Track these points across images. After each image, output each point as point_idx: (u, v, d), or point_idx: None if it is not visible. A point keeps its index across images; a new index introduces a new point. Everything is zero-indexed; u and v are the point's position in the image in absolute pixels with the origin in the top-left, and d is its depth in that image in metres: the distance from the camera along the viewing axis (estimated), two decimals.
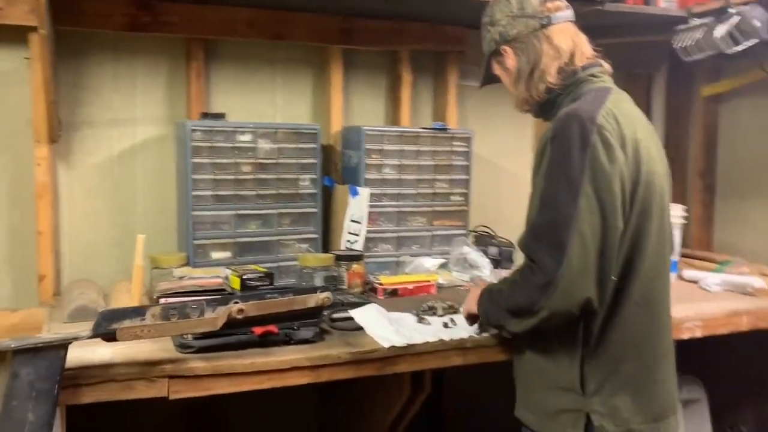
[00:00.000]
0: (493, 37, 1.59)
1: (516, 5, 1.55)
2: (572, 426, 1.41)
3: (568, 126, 1.38)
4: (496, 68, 1.63)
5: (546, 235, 1.35)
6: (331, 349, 1.59)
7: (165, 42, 2.29)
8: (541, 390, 1.48)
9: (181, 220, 2.22)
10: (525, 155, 2.90)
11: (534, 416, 1.50)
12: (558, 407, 1.43)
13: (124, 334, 1.27)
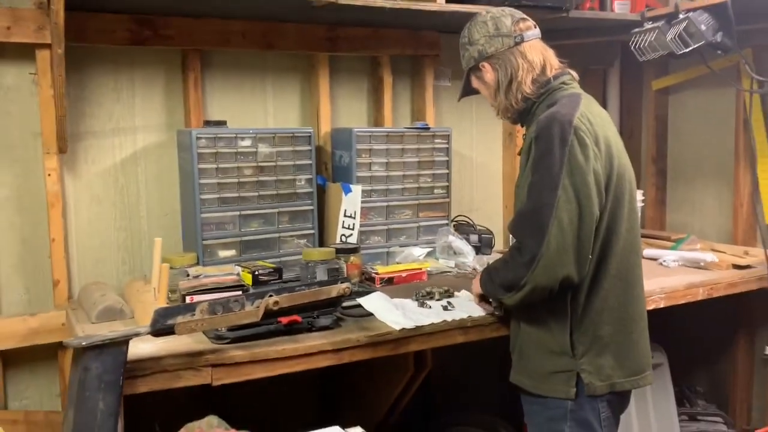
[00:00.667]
0: (471, 55, 1.80)
1: (492, 26, 1.76)
2: (566, 384, 1.63)
3: (549, 127, 1.60)
4: (475, 82, 1.84)
5: (530, 220, 1.58)
6: (350, 334, 1.78)
7: (162, 53, 2.41)
8: (536, 357, 1.70)
9: (188, 221, 2.36)
10: (495, 148, 3.13)
11: (531, 380, 1.71)
12: (553, 369, 1.66)
13: (182, 329, 1.43)
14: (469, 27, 1.82)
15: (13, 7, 2.11)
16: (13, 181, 2.24)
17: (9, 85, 2.20)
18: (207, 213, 2.29)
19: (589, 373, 1.64)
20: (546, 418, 1.70)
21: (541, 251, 1.53)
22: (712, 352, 2.96)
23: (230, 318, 1.50)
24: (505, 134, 3.11)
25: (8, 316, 2.21)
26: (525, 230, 1.60)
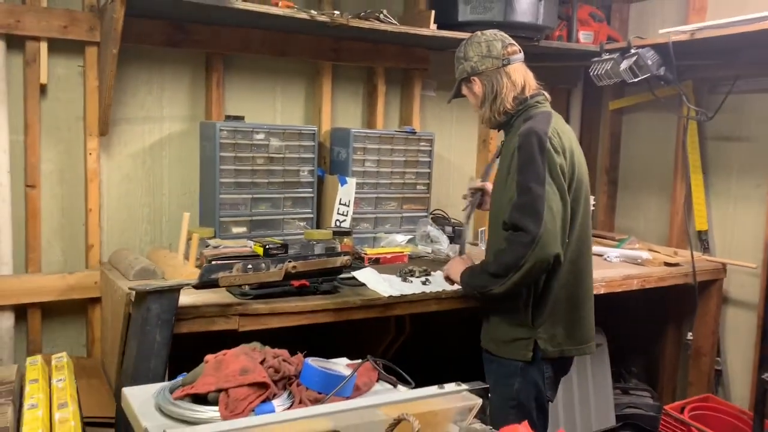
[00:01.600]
0: (465, 68, 2.09)
1: (485, 48, 2.05)
2: (525, 349, 1.97)
3: (529, 139, 1.91)
4: (465, 90, 2.14)
5: (527, 209, 1.85)
6: (347, 298, 2.19)
7: (189, 54, 2.78)
8: (502, 326, 2.01)
9: (207, 201, 2.73)
10: (470, 152, 3.56)
11: (496, 345, 2.04)
12: (515, 337, 1.99)
13: (224, 281, 1.82)
14: (465, 44, 2.10)
15: (69, 9, 2.46)
16: (58, 158, 2.59)
17: (60, 75, 2.55)
18: (224, 194, 2.67)
19: (544, 340, 1.97)
20: (502, 374, 2.02)
21: (540, 232, 1.81)
22: (645, 337, 3.44)
23: (260, 276, 1.89)
24: (479, 140, 3.54)
25: (47, 273, 2.56)
26: (524, 217, 1.85)
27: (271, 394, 1.29)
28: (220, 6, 2.24)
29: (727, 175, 3.16)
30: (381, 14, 2.57)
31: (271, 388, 1.30)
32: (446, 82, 3.34)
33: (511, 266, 1.86)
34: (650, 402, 3.11)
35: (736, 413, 2.96)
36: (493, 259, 1.94)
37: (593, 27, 3.28)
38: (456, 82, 2.15)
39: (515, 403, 1.98)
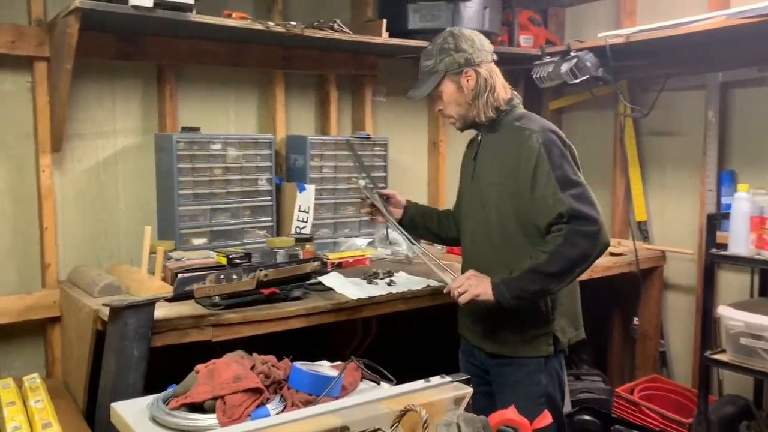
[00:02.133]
0: (456, 60, 1.93)
1: (477, 41, 1.97)
2: (545, 344, 1.94)
3: (550, 136, 1.87)
4: (448, 85, 1.96)
5: (583, 199, 1.80)
6: (317, 303, 2.24)
7: (140, 67, 2.76)
8: (519, 326, 1.93)
9: (165, 214, 2.72)
10: (421, 155, 3.65)
11: (512, 347, 1.95)
12: (534, 334, 1.94)
13: (199, 292, 1.84)
14: (453, 36, 1.97)
15: (16, 24, 2.41)
16: (8, 176, 2.53)
17: (6, 92, 2.50)
18: (183, 206, 2.66)
19: (559, 331, 1.95)
20: (524, 374, 1.94)
21: (601, 219, 1.80)
22: (594, 325, 3.60)
23: (233, 285, 1.92)
24: (429, 143, 3.64)
25: (2, 294, 2.49)
26: (585, 206, 1.79)
27: (264, 398, 1.33)
28: (176, 19, 2.24)
29: (662, 168, 3.36)
30: (335, 24, 2.62)
31: (265, 392, 1.34)
32: (396, 87, 3.43)
33: (578, 260, 1.79)
34: (602, 386, 3.27)
35: (681, 391, 3.16)
36: (551, 258, 1.79)
37: (533, 31, 3.43)
38: (433, 75, 1.98)
39: (544, 399, 1.94)
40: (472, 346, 2.11)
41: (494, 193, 1.94)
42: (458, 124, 2.05)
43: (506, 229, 1.93)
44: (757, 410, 2.81)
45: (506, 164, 1.91)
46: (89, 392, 2.18)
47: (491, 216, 1.95)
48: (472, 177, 2.06)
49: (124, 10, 2.13)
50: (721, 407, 2.81)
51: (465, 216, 2.13)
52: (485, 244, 1.99)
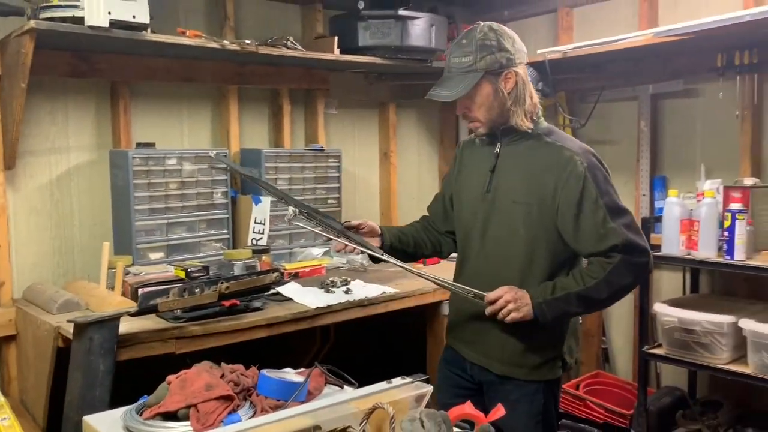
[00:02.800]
0: (498, 59, 1.74)
1: (517, 41, 1.81)
2: (554, 367, 1.86)
3: (592, 160, 1.79)
4: (485, 86, 1.76)
5: (635, 229, 1.76)
6: (277, 312, 2.31)
7: (93, 84, 2.78)
8: (533, 348, 1.83)
9: (121, 229, 2.73)
10: (373, 166, 3.76)
11: (526, 370, 1.84)
12: (546, 358, 1.85)
13: (163, 306, 1.88)
14: (494, 32, 1.77)
15: None
16: None
17: None
18: (140, 221, 2.69)
19: (567, 354, 1.89)
20: (524, 393, 1.85)
21: (649, 248, 1.78)
22: None
23: (196, 298, 1.97)
24: (381, 154, 3.75)
25: None
26: (637, 236, 1.76)
27: (235, 405, 1.40)
28: (132, 39, 2.28)
29: None
30: (288, 41, 2.70)
31: (236, 399, 1.41)
32: (347, 100, 3.53)
33: (627, 288, 1.79)
34: None
35: (622, 384, 3.35)
36: (601, 284, 1.73)
37: None
38: (471, 74, 1.75)
39: (541, 418, 1.88)
40: (466, 360, 1.96)
41: (521, 211, 1.80)
42: (482, 129, 1.84)
43: (534, 250, 1.81)
44: (691, 400, 3.01)
45: (539, 183, 1.78)
46: (49, 409, 2.19)
47: (517, 236, 1.81)
48: (487, 190, 1.87)
49: (80, 30, 2.16)
50: (659, 398, 3.00)
51: (474, 232, 1.92)
52: (507, 264, 1.84)
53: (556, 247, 1.81)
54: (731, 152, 2.97)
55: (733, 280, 3.00)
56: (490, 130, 1.84)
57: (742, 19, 2.34)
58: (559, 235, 1.79)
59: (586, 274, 1.75)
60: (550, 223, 1.79)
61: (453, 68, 1.79)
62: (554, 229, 1.79)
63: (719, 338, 2.59)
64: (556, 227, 1.79)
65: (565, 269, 1.83)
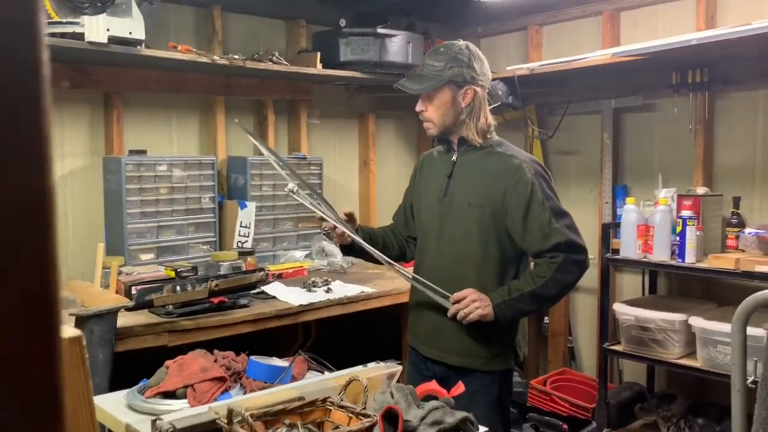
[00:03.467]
0: (463, 73, 1.95)
1: (485, 66, 2.03)
2: (508, 358, 2.04)
3: (537, 168, 1.98)
4: (446, 92, 1.97)
5: (574, 229, 1.95)
6: (262, 309, 2.48)
7: (88, 93, 2.93)
8: (488, 340, 2.00)
9: (114, 231, 2.89)
10: (353, 173, 3.95)
11: (483, 360, 2.00)
12: (501, 349, 2.02)
13: (158, 301, 2.05)
14: (469, 50, 1.99)
15: None
16: None
17: None
18: (131, 224, 2.85)
19: (518, 347, 2.08)
20: (483, 384, 1.99)
21: (586, 247, 1.97)
22: None
23: (188, 294, 2.14)
24: (360, 162, 3.94)
25: None
26: (578, 236, 1.95)
27: (227, 386, 1.57)
28: (127, 53, 2.45)
29: (567, 183, 3.78)
30: (273, 56, 2.88)
31: (228, 381, 1.58)
32: (329, 111, 3.72)
33: (571, 285, 1.98)
34: (519, 380, 3.63)
35: (587, 381, 3.55)
36: (550, 283, 1.91)
37: None
38: (437, 78, 1.96)
39: (497, 407, 2.04)
40: (426, 358, 2.10)
41: (475, 213, 1.98)
42: (434, 131, 2.05)
43: (486, 249, 1.98)
44: (649, 394, 3.23)
45: (492, 188, 1.97)
46: None
47: (472, 236, 1.99)
48: (444, 194, 2.06)
49: (80, 45, 2.32)
50: (619, 393, 3.21)
51: (431, 233, 2.09)
52: (461, 262, 2.01)
53: (506, 246, 2.00)
54: (686, 163, 3.20)
55: (688, 281, 3.22)
56: (441, 134, 2.05)
57: (689, 42, 2.57)
58: (508, 234, 1.98)
59: (536, 275, 1.94)
60: (501, 224, 1.97)
61: (425, 68, 2.00)
62: (504, 229, 1.98)
63: (671, 335, 2.81)
64: (506, 227, 1.97)
65: (514, 266, 2.03)
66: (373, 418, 1.14)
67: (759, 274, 2.49)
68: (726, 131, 3.11)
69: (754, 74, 2.93)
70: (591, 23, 3.55)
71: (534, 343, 3.88)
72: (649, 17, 3.33)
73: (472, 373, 2.01)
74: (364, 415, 1.17)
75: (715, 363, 2.64)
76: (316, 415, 1.24)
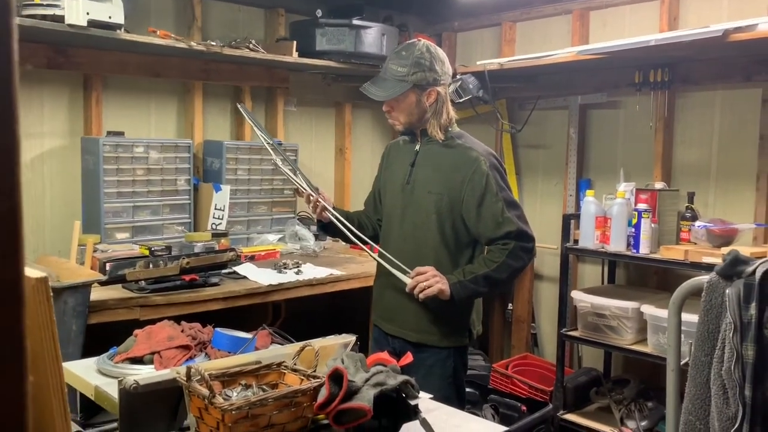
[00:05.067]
0: (426, 77, 2.06)
1: (446, 65, 2.13)
2: (462, 335, 2.17)
3: (493, 161, 2.10)
4: (410, 96, 2.08)
5: (524, 220, 2.09)
6: (233, 288, 2.58)
7: (68, 75, 3.00)
8: (444, 317, 2.11)
9: (90, 210, 2.96)
10: (329, 161, 4.04)
11: (438, 336, 2.12)
12: (456, 325, 2.15)
13: (131, 276, 2.14)
14: (429, 53, 2.08)
15: None
16: None
17: None
18: (108, 203, 2.92)
19: (472, 326, 2.19)
20: (439, 359, 2.12)
21: (534, 236, 2.10)
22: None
23: (160, 270, 2.23)
24: (336, 150, 4.04)
25: None
26: (527, 225, 2.08)
27: (193, 354, 1.67)
28: (107, 37, 2.52)
29: (534, 176, 3.91)
30: (251, 43, 2.97)
31: (193, 349, 1.68)
32: (306, 99, 3.81)
33: (519, 270, 2.10)
34: (483, 363, 3.76)
35: (547, 366, 3.70)
36: (501, 267, 2.04)
37: None
38: (402, 83, 2.06)
39: (452, 380, 2.16)
40: (388, 335, 2.22)
41: (433, 200, 2.11)
42: (400, 128, 2.18)
43: (443, 234, 2.11)
44: (605, 378, 3.38)
45: (450, 178, 2.09)
46: None
47: (430, 221, 2.11)
48: (407, 182, 2.18)
49: (59, 27, 2.39)
50: (576, 377, 3.36)
51: (394, 217, 2.22)
52: (420, 245, 2.14)
53: (461, 232, 2.13)
54: (647, 159, 3.34)
55: (645, 272, 3.37)
56: (408, 129, 2.18)
57: (648, 43, 2.70)
58: (463, 221, 2.12)
59: (489, 260, 2.07)
60: (457, 212, 2.10)
61: (389, 72, 2.11)
62: (460, 216, 2.11)
63: (625, 322, 2.95)
64: (462, 215, 2.10)
65: (469, 250, 2.16)
66: (321, 379, 1.25)
67: (706, 265, 2.64)
68: (685, 129, 3.25)
69: (712, 75, 3.07)
70: (562, 21, 3.67)
71: (498, 328, 4.02)
72: (617, 17, 3.46)
73: (429, 348, 2.13)
74: (314, 377, 1.28)
75: (663, 349, 2.78)
76: (271, 377, 1.35)
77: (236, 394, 1.25)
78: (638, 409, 3.07)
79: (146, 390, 1.24)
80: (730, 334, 1.54)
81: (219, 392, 1.22)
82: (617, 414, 3.09)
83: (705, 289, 1.64)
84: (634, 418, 3.01)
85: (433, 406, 1.52)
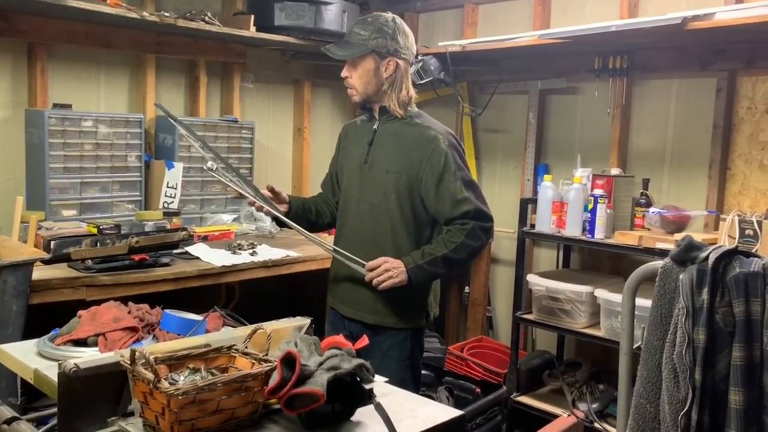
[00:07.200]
0: (387, 46, 2.05)
1: (410, 40, 2.13)
2: (419, 317, 2.16)
3: (451, 140, 2.09)
4: (369, 62, 2.06)
5: (482, 199, 2.09)
6: (184, 268, 2.51)
7: (10, 43, 2.84)
8: (400, 299, 2.09)
9: (34, 186, 2.83)
10: (287, 140, 3.96)
11: (395, 318, 2.11)
12: (413, 308, 2.14)
13: (76, 255, 2.05)
14: (395, 23, 2.09)
15: None
16: None
17: None
18: (54, 179, 2.80)
19: (429, 308, 2.19)
20: (396, 342, 2.12)
21: (492, 216, 2.11)
22: None
23: (107, 249, 2.14)
24: (294, 129, 3.96)
25: None
26: (484, 205, 2.08)
27: (140, 336, 1.61)
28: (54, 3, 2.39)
29: (493, 160, 3.91)
30: (206, 16, 2.86)
31: (140, 331, 1.62)
32: (263, 75, 3.71)
33: (478, 250, 2.10)
34: (438, 345, 3.77)
35: (502, 349, 3.73)
36: (460, 247, 2.04)
37: None
38: (361, 46, 2.06)
39: (409, 362, 2.16)
40: (345, 317, 2.21)
41: (392, 179, 2.09)
42: (357, 98, 2.14)
43: (402, 214, 2.09)
44: (558, 361, 3.42)
45: (408, 157, 2.07)
46: None
47: (389, 200, 2.09)
48: (365, 161, 2.15)
49: None
50: (530, 360, 3.40)
51: (351, 197, 2.19)
52: (379, 225, 2.12)
53: (419, 211, 2.11)
54: (604, 145, 3.37)
55: (599, 257, 3.42)
56: (364, 101, 2.14)
57: (609, 29, 2.70)
58: (422, 200, 2.10)
59: (448, 240, 2.05)
60: (416, 191, 2.09)
61: (351, 36, 2.11)
62: (419, 195, 2.09)
63: (578, 305, 2.99)
64: (420, 194, 2.08)
65: (428, 230, 2.14)
66: (273, 363, 1.21)
67: (659, 251, 2.68)
68: (641, 116, 3.29)
69: (670, 63, 3.10)
70: (524, 5, 3.65)
71: (455, 311, 4.03)
72: (578, 3, 3.46)
73: (386, 330, 2.12)
74: (265, 361, 1.24)
75: (616, 333, 2.83)
76: (221, 361, 1.30)
77: (183, 379, 1.20)
78: (590, 392, 3.12)
79: (87, 374, 1.18)
80: (682, 318, 1.56)
81: (165, 376, 1.17)
82: (569, 396, 3.13)
83: (659, 275, 1.65)
84: (586, 401, 3.05)
85: (389, 389, 1.49)
